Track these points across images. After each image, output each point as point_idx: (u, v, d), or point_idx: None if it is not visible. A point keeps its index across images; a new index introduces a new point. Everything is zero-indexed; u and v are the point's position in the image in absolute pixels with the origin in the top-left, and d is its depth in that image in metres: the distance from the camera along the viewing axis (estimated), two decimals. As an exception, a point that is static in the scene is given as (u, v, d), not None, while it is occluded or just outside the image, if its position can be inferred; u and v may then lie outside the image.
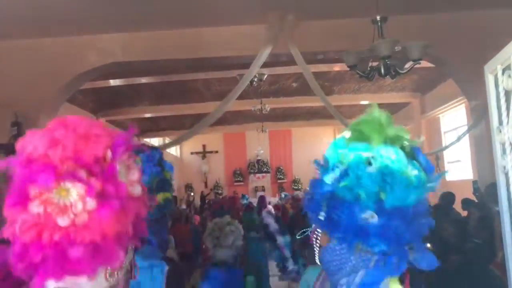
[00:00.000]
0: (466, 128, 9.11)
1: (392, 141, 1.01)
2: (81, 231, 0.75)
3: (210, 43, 6.59)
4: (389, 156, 0.98)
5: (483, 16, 6.17)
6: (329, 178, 1.03)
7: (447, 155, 11.68)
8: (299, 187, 21.64)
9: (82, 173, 0.76)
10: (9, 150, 6.19)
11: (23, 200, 0.77)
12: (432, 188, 1.00)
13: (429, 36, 5.47)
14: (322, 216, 1.02)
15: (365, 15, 4.89)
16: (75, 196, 0.75)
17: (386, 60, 4.32)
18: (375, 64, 4.61)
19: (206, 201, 15.27)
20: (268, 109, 12.59)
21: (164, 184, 1.93)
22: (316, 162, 1.12)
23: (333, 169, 1.03)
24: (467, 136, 7.86)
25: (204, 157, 22.16)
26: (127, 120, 14.51)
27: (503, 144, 2.18)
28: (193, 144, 20.61)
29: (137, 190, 0.82)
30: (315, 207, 1.04)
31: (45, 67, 6.50)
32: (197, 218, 9.47)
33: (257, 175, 22.39)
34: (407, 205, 0.96)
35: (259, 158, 22.20)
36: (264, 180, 22.45)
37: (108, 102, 11.94)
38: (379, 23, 4.51)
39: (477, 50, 5.79)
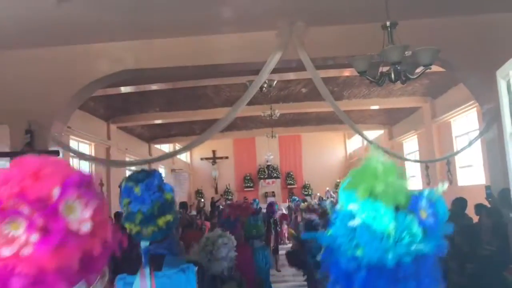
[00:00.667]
0: (477, 132, 9.03)
1: (380, 195, 0.97)
2: (22, 262, 0.80)
3: (220, 50, 6.62)
4: (371, 211, 0.95)
5: (494, 20, 6.13)
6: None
7: (458, 160, 11.58)
8: (310, 193, 21.59)
9: (25, 209, 0.82)
10: (22, 157, 6.28)
11: None
12: (421, 250, 0.94)
13: (439, 40, 5.45)
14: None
15: (374, 20, 4.88)
16: (22, 229, 0.81)
17: (397, 66, 4.30)
18: (385, 69, 4.60)
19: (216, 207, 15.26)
20: (278, 114, 12.60)
21: (164, 208, 2.01)
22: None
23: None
24: (478, 140, 7.79)
25: (214, 162, 22.22)
26: (138, 127, 14.61)
27: (516, 150, 2.16)
28: (203, 150, 20.68)
29: (85, 227, 0.86)
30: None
31: (58, 75, 6.58)
32: (207, 225, 9.47)
33: (267, 180, 22.41)
34: (387, 264, 0.92)
35: (269, 163, 22.21)
36: (274, 185, 22.45)
37: (119, 108, 12.04)
38: (389, 29, 4.50)
39: (488, 54, 5.77)
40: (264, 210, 11.25)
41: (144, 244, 2.00)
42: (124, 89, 9.70)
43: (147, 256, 1.98)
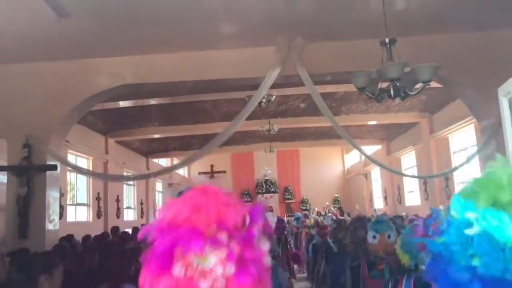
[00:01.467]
0: (475, 148, 9.04)
1: (504, 206, 0.92)
2: None
3: (219, 65, 6.65)
4: (493, 220, 0.91)
5: (491, 37, 6.19)
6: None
7: (456, 176, 11.57)
8: (308, 208, 21.51)
9: (224, 237, 0.76)
10: (20, 171, 6.24)
11: (167, 264, 0.76)
12: None
13: (437, 57, 5.48)
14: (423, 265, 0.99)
15: (373, 36, 4.92)
16: (213, 261, 0.75)
17: (396, 82, 4.32)
18: (384, 85, 4.61)
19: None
20: (276, 129, 12.61)
21: None
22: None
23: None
24: (476, 156, 7.80)
25: (212, 177, 22.14)
26: (136, 141, 14.58)
27: (518, 167, 2.15)
28: (201, 164, 20.62)
29: (268, 261, 0.81)
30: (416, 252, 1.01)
31: (56, 89, 6.58)
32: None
33: (265, 195, 22.31)
34: (506, 276, 0.88)
35: (267, 178, 22.16)
36: (272, 200, 22.34)
37: (118, 123, 12.03)
38: (388, 45, 4.52)
39: (486, 71, 5.80)
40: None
41: None
42: (122, 104, 9.71)
43: None
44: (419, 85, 4.44)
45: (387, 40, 4.48)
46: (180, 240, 0.76)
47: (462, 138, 11.29)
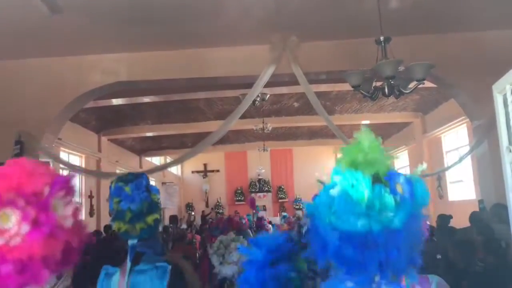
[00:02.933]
0: (467, 148, 9.10)
1: (360, 166, 1.03)
2: (12, 250, 0.89)
3: (213, 63, 6.63)
4: (350, 180, 1.00)
5: (485, 36, 6.23)
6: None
7: (449, 175, 11.64)
8: (301, 207, 21.53)
9: (21, 202, 0.91)
10: (11, 168, 6.19)
11: None
12: (390, 220, 0.98)
13: (431, 56, 5.50)
14: (304, 229, 1.18)
15: (368, 35, 4.93)
16: (13, 221, 0.90)
17: (390, 80, 4.33)
18: (378, 84, 4.63)
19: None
20: (270, 128, 12.62)
21: (152, 207, 2.17)
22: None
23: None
24: (469, 156, 7.85)
25: (205, 176, 22.11)
26: (129, 139, 14.53)
27: (513, 164, 2.17)
28: (194, 163, 20.57)
29: (68, 222, 0.97)
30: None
31: (49, 86, 6.53)
32: (198, 238, 9.38)
33: (258, 194, 22.28)
34: (357, 229, 0.96)
35: (260, 177, 22.15)
36: (265, 199, 22.34)
37: (111, 120, 11.97)
38: (383, 44, 4.53)
39: (479, 70, 5.84)
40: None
41: (131, 242, 2.11)
42: (116, 101, 9.66)
43: (133, 253, 2.10)
44: (413, 84, 4.45)
45: (382, 39, 4.49)
46: None
47: (455, 138, 11.37)
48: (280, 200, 22.63)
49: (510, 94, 2.15)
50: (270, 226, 11.90)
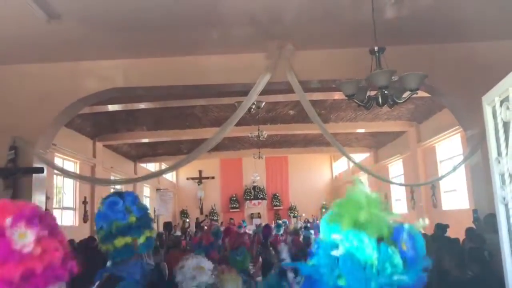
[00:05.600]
0: (461, 157, 9.16)
1: (363, 226, 0.98)
2: None
3: (209, 70, 6.66)
4: (354, 241, 0.96)
5: (478, 47, 6.30)
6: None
7: (443, 185, 11.70)
8: (296, 214, 21.53)
9: None
10: (5, 174, 6.16)
11: None
12: (402, 280, 0.95)
13: (425, 66, 5.55)
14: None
15: (363, 45, 4.98)
16: None
17: (384, 90, 4.37)
18: (373, 93, 4.67)
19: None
20: (265, 135, 12.64)
21: (124, 229, 2.02)
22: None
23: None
24: (463, 165, 7.89)
25: (200, 182, 22.09)
26: (124, 145, 14.51)
27: (502, 175, 2.20)
28: (189, 169, 20.55)
29: (28, 249, 1.03)
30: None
31: (45, 92, 6.53)
32: (192, 245, 9.33)
33: (253, 201, 22.28)
34: None
35: (255, 184, 22.16)
36: (260, 206, 22.33)
37: (106, 127, 11.96)
38: (377, 53, 4.58)
39: (472, 81, 5.90)
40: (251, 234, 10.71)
41: (108, 262, 2.03)
42: (111, 107, 9.66)
43: (99, 276, 1.98)
44: (406, 94, 4.49)
45: (376, 49, 4.54)
46: None
47: (449, 147, 11.44)
48: (275, 208, 22.63)
49: (499, 106, 2.18)
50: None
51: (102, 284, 1.96)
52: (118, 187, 15.17)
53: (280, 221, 13.75)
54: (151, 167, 18.88)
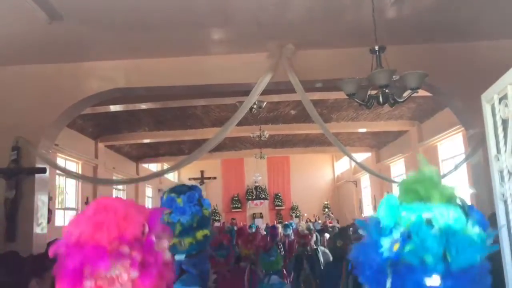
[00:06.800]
0: (463, 156, 9.15)
1: (448, 199, 0.96)
2: None
3: (210, 70, 6.67)
4: (449, 215, 0.93)
5: (479, 46, 6.31)
6: (387, 243, 0.96)
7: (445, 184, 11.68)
8: (298, 214, 21.53)
9: (126, 250, 0.89)
10: (8, 174, 6.19)
11: (78, 280, 0.88)
12: (492, 246, 0.94)
13: (426, 65, 5.56)
14: (389, 283, 0.95)
15: (363, 44, 4.99)
16: (120, 269, 0.89)
17: (385, 89, 4.38)
18: (373, 92, 4.68)
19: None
20: (267, 135, 12.66)
21: (203, 221, 2.04)
22: (362, 223, 1.04)
23: (390, 232, 0.97)
24: (464, 164, 7.89)
25: (202, 183, 22.10)
26: (126, 146, 14.54)
27: (501, 172, 2.21)
28: (191, 170, 20.58)
29: (168, 255, 0.96)
30: (377, 275, 0.97)
31: (47, 92, 6.56)
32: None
33: (255, 201, 22.30)
34: (473, 265, 0.91)
35: (257, 184, 22.18)
36: (262, 206, 22.35)
37: (108, 127, 11.99)
38: (378, 53, 4.59)
39: (473, 80, 5.89)
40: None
41: (178, 257, 1.98)
42: (113, 108, 9.69)
43: (179, 269, 1.96)
44: (407, 93, 4.50)
45: (376, 48, 4.55)
46: (87, 259, 0.88)
47: (451, 147, 11.43)
48: (276, 208, 22.64)
49: (497, 103, 2.19)
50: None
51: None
52: (120, 187, 15.24)
53: (286, 222, 13.77)
54: (153, 167, 18.91)
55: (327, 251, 6.34)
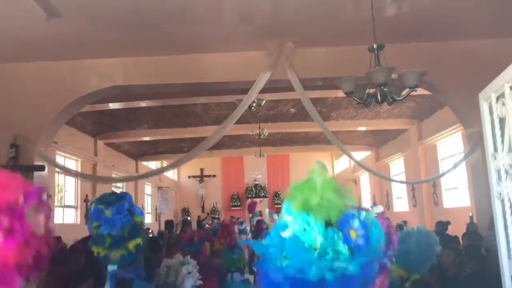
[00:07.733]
0: (462, 155, 9.16)
1: (313, 209, 0.97)
2: None
3: (209, 68, 6.67)
4: (301, 224, 0.96)
5: (478, 45, 6.30)
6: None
7: (444, 182, 11.69)
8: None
9: None
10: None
11: None
12: (344, 268, 0.94)
13: (425, 64, 5.56)
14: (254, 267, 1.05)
15: (362, 42, 4.98)
16: None
17: (383, 87, 4.37)
18: (372, 91, 4.67)
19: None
20: (266, 134, 12.65)
21: (135, 230, 2.02)
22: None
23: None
24: (463, 163, 7.89)
25: (201, 181, 22.11)
26: (126, 143, 14.54)
27: (498, 171, 2.21)
28: (190, 168, 20.59)
29: (40, 230, 1.00)
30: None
31: (46, 90, 6.56)
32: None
33: (255, 199, 22.28)
34: (309, 278, 0.92)
35: (256, 182, 22.17)
36: (261, 205, 22.32)
37: (107, 125, 11.99)
38: (376, 51, 4.58)
39: (472, 78, 5.88)
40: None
41: (111, 267, 1.98)
42: (112, 106, 9.68)
43: (113, 280, 1.96)
44: (405, 91, 4.50)
45: (375, 46, 4.54)
46: None
47: (450, 145, 11.42)
48: (276, 206, 22.61)
49: (495, 102, 2.19)
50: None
51: None
52: (119, 185, 15.24)
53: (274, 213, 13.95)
54: (153, 165, 18.91)
55: None
